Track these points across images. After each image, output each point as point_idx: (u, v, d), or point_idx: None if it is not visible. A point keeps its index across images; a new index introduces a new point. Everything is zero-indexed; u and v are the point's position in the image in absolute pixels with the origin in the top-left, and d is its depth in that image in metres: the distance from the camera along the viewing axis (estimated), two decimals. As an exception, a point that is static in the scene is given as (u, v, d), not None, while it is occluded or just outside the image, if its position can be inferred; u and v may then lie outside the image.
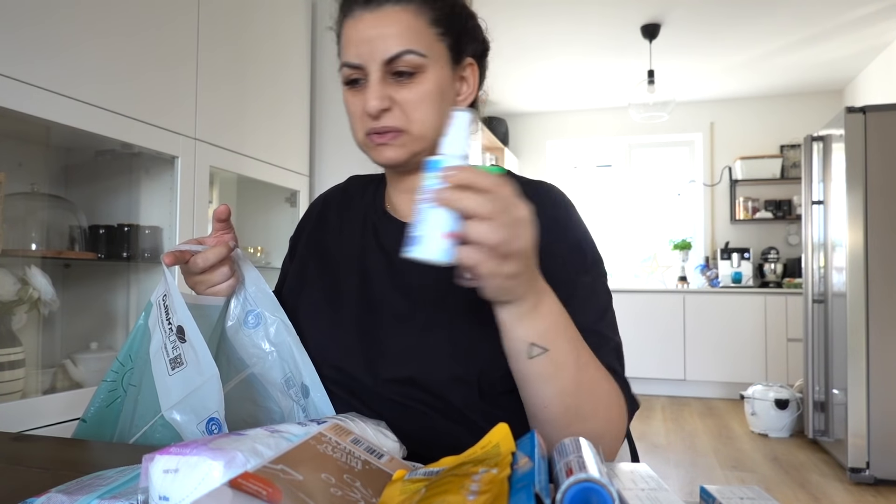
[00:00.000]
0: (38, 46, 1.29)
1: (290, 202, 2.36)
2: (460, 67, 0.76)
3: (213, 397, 0.63)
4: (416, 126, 0.71)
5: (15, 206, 1.49)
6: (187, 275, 0.74)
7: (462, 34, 0.75)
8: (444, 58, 0.73)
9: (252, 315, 0.77)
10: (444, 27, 0.72)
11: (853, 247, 2.78)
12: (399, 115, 0.70)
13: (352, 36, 0.70)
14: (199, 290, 0.74)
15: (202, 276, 0.73)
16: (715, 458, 3.12)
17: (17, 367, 1.36)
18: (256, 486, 0.32)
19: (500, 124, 5.24)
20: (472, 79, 0.78)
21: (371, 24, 0.69)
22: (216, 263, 0.73)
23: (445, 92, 0.73)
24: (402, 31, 0.69)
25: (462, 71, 0.77)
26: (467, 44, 0.76)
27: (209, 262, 0.72)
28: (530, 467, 0.33)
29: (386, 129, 0.70)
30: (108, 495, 0.44)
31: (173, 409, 0.66)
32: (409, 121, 0.71)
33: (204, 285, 0.74)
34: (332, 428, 0.43)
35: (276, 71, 2.19)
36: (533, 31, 3.80)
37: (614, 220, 5.51)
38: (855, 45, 4.01)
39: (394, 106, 0.70)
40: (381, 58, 0.69)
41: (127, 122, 1.51)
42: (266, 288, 0.78)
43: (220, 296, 0.75)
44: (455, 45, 0.74)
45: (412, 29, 0.69)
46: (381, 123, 0.70)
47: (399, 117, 0.70)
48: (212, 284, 0.74)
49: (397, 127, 0.70)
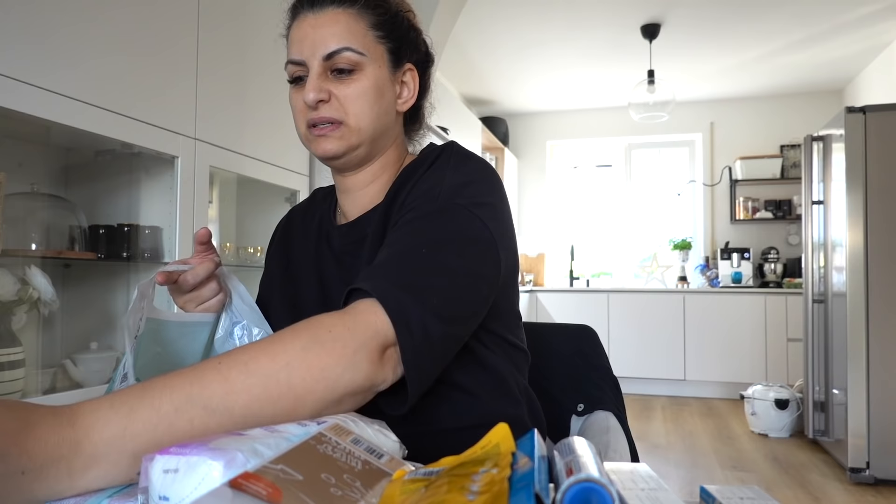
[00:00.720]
0: (39, 46, 1.29)
1: (290, 202, 2.36)
2: (400, 72, 0.79)
3: None
4: (352, 119, 0.74)
5: (15, 206, 1.49)
6: (177, 294, 0.77)
7: (403, 41, 0.78)
8: (383, 59, 0.76)
9: (238, 327, 0.80)
10: (384, 31, 0.76)
11: (853, 247, 2.78)
12: (337, 107, 0.73)
13: (295, 35, 0.75)
14: (190, 309, 0.77)
15: (192, 294, 0.76)
16: (715, 458, 3.12)
17: (17, 367, 1.36)
18: (257, 485, 0.32)
19: (500, 124, 5.23)
20: (413, 84, 0.81)
21: (313, 23, 0.73)
22: (205, 280, 0.76)
23: (383, 91, 0.76)
24: (341, 31, 0.73)
25: (402, 76, 0.80)
26: (407, 51, 0.80)
27: (199, 277, 0.75)
28: (530, 467, 0.33)
29: (323, 119, 0.73)
30: (116, 494, 0.45)
31: None
32: (346, 113, 0.74)
33: (194, 303, 0.77)
34: (332, 428, 0.43)
35: (277, 71, 2.19)
36: (533, 31, 3.80)
37: (614, 220, 5.51)
38: (855, 45, 4.01)
39: (332, 98, 0.73)
40: (321, 53, 0.72)
41: (127, 122, 1.51)
42: (251, 301, 0.81)
43: (211, 311, 0.78)
44: (395, 49, 0.77)
45: (351, 30, 0.73)
46: (319, 114, 0.73)
47: (337, 109, 0.73)
48: (202, 301, 0.77)
49: (335, 118, 0.73)
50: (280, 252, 0.91)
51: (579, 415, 0.98)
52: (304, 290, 0.83)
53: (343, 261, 0.80)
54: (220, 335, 0.79)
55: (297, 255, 0.87)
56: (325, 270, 0.82)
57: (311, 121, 0.74)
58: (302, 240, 0.88)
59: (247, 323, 0.79)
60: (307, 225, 0.89)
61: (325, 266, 0.82)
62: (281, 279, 0.87)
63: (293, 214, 0.94)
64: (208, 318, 0.77)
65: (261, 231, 2.35)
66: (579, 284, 5.35)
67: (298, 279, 0.84)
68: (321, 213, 0.89)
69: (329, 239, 0.84)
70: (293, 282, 0.85)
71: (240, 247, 2.25)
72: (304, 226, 0.90)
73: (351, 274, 0.78)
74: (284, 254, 0.89)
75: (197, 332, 0.76)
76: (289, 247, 0.89)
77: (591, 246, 5.56)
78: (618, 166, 5.55)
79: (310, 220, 0.90)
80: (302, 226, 0.90)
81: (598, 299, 4.82)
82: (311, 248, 0.85)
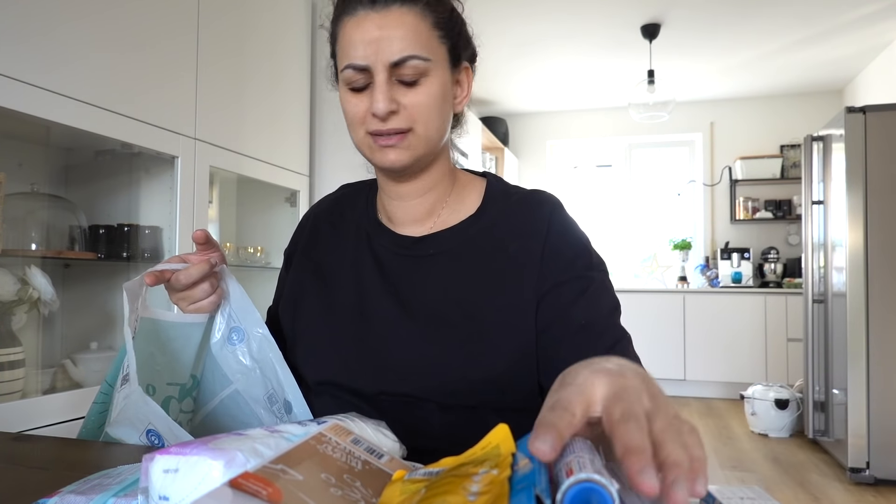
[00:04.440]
0: (39, 47, 1.29)
1: (290, 202, 2.36)
2: (457, 71, 0.76)
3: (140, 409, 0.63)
4: (421, 127, 0.70)
5: (15, 206, 1.49)
6: (171, 291, 0.75)
7: (459, 38, 0.75)
8: (445, 61, 0.72)
9: (235, 332, 0.78)
10: (445, 30, 0.72)
11: (853, 247, 2.78)
12: (405, 118, 0.70)
13: (355, 36, 0.68)
14: (183, 307, 0.75)
15: (184, 293, 0.74)
16: (715, 458, 3.12)
17: (17, 367, 1.36)
18: (256, 485, 0.32)
19: (500, 124, 5.23)
20: (467, 83, 0.79)
21: (377, 24, 0.67)
22: (198, 280, 0.73)
23: (447, 95, 0.73)
24: (407, 34, 0.67)
25: (458, 75, 0.77)
26: (463, 48, 0.77)
27: (192, 278, 0.72)
28: (531, 468, 0.33)
29: (392, 130, 0.69)
30: (122, 493, 0.45)
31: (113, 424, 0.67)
32: (414, 122, 0.70)
33: (186, 302, 0.75)
34: (332, 428, 0.43)
35: (276, 71, 2.19)
36: (533, 30, 3.80)
37: (614, 220, 5.51)
38: (855, 45, 4.01)
39: (400, 109, 0.69)
40: (388, 60, 0.67)
41: (127, 122, 1.51)
42: (249, 304, 0.78)
43: (203, 312, 0.76)
44: (453, 48, 0.74)
45: (417, 31, 0.68)
46: (388, 126, 0.69)
47: (405, 119, 0.70)
48: (193, 301, 0.75)
49: (403, 128, 0.70)
50: (309, 254, 0.85)
51: (580, 415, 0.98)
52: (339, 293, 0.78)
53: (389, 269, 0.77)
54: (216, 339, 0.77)
55: (329, 257, 0.83)
56: (364, 275, 0.78)
57: (378, 131, 0.70)
58: (334, 242, 0.83)
59: (244, 327, 0.77)
60: (343, 226, 0.85)
61: (365, 270, 0.78)
62: (312, 282, 0.82)
63: (320, 214, 0.89)
64: (201, 319, 0.76)
65: (261, 231, 2.35)
66: (579, 284, 5.34)
67: (332, 282, 0.80)
68: (358, 212, 0.84)
69: (371, 243, 0.80)
70: (326, 286, 0.80)
71: (240, 247, 2.25)
72: (337, 226, 0.85)
73: (396, 283, 0.75)
74: (314, 256, 0.85)
75: (190, 333, 0.75)
76: (317, 247, 0.85)
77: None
78: (618, 166, 5.55)
79: (344, 221, 0.85)
80: (334, 227, 0.85)
81: (598, 299, 4.81)
82: (349, 248, 0.81)
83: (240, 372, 0.77)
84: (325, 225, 0.87)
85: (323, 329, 0.78)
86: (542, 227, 0.74)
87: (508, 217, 0.76)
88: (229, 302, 0.78)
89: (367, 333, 0.75)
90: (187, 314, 0.75)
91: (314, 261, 0.84)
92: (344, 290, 0.79)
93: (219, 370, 0.77)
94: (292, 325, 0.82)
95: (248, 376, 0.77)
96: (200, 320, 0.76)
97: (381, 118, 0.69)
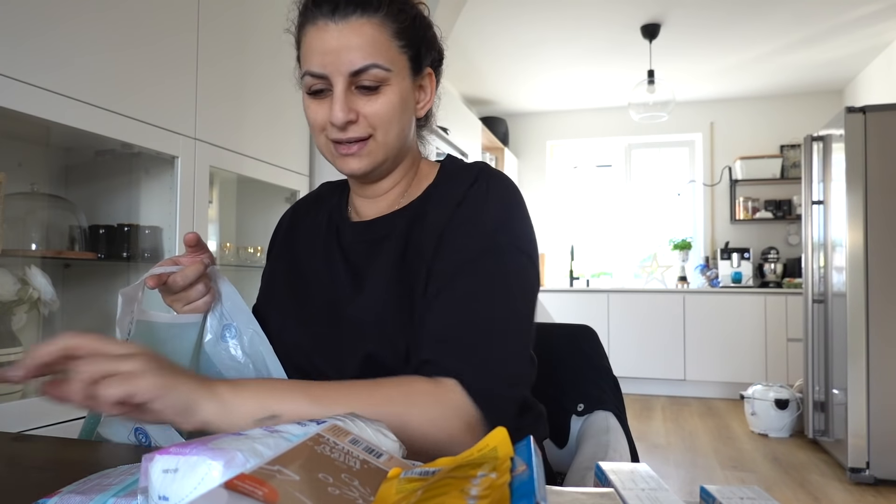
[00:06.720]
0: (38, 47, 1.29)
1: (290, 202, 2.36)
2: (420, 78, 0.78)
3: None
4: (380, 135, 0.73)
5: (15, 206, 1.49)
6: (166, 294, 0.77)
7: (422, 45, 0.77)
8: (406, 70, 0.74)
9: (228, 329, 0.80)
10: (406, 39, 0.74)
11: (853, 247, 2.78)
12: (364, 126, 0.72)
13: (315, 45, 0.70)
14: (178, 308, 0.77)
15: (180, 294, 0.76)
16: (715, 458, 3.12)
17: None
18: (252, 486, 0.32)
19: (500, 124, 5.23)
20: (430, 88, 0.81)
21: (336, 35, 0.69)
22: (194, 281, 0.75)
23: (407, 102, 0.75)
24: (366, 44, 0.69)
25: (421, 81, 0.78)
26: (426, 55, 0.78)
27: (188, 279, 0.74)
28: (528, 474, 0.33)
29: (352, 139, 0.72)
30: (122, 493, 0.45)
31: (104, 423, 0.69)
32: (373, 129, 0.73)
33: (181, 303, 0.77)
34: (330, 429, 0.43)
35: (276, 71, 2.19)
36: (533, 31, 3.80)
37: (614, 220, 5.51)
38: (855, 45, 4.01)
39: (359, 118, 0.72)
40: (347, 70, 0.69)
41: (127, 122, 1.51)
42: (241, 301, 0.81)
43: (198, 312, 0.78)
44: (416, 56, 0.76)
45: (376, 42, 0.70)
46: (347, 135, 0.72)
47: (364, 128, 0.72)
48: (189, 301, 0.77)
49: (362, 136, 0.72)
50: (286, 246, 0.90)
51: (579, 415, 0.98)
52: (312, 284, 0.82)
53: (351, 257, 0.80)
54: (209, 338, 0.79)
55: (304, 248, 0.86)
56: (332, 265, 0.81)
57: (337, 139, 0.73)
58: (309, 233, 0.87)
59: (236, 324, 0.79)
60: (315, 218, 0.89)
61: (333, 261, 0.82)
62: (288, 273, 0.86)
63: (298, 207, 0.93)
64: (196, 319, 0.78)
65: (261, 231, 2.35)
66: (579, 284, 5.35)
67: (306, 273, 0.84)
68: (331, 207, 0.88)
69: (339, 234, 0.84)
70: (299, 275, 0.84)
71: (240, 247, 2.25)
72: (311, 219, 0.89)
73: (357, 270, 0.78)
74: (290, 247, 0.89)
75: (186, 333, 0.77)
76: (295, 240, 0.89)
77: (591, 246, 5.56)
78: (618, 166, 5.55)
79: (317, 214, 0.89)
80: (309, 219, 0.89)
81: (598, 299, 4.82)
82: (320, 242, 0.85)
83: (233, 367, 0.79)
84: (303, 220, 0.90)
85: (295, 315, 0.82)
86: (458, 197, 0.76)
87: (442, 192, 0.78)
88: (221, 301, 0.80)
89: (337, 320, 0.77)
90: (182, 315, 0.77)
91: (291, 252, 0.88)
92: (317, 281, 0.82)
93: (213, 368, 0.79)
94: (267, 312, 0.85)
95: (240, 371, 0.78)
96: (195, 320, 0.78)
97: (340, 128, 0.71)
